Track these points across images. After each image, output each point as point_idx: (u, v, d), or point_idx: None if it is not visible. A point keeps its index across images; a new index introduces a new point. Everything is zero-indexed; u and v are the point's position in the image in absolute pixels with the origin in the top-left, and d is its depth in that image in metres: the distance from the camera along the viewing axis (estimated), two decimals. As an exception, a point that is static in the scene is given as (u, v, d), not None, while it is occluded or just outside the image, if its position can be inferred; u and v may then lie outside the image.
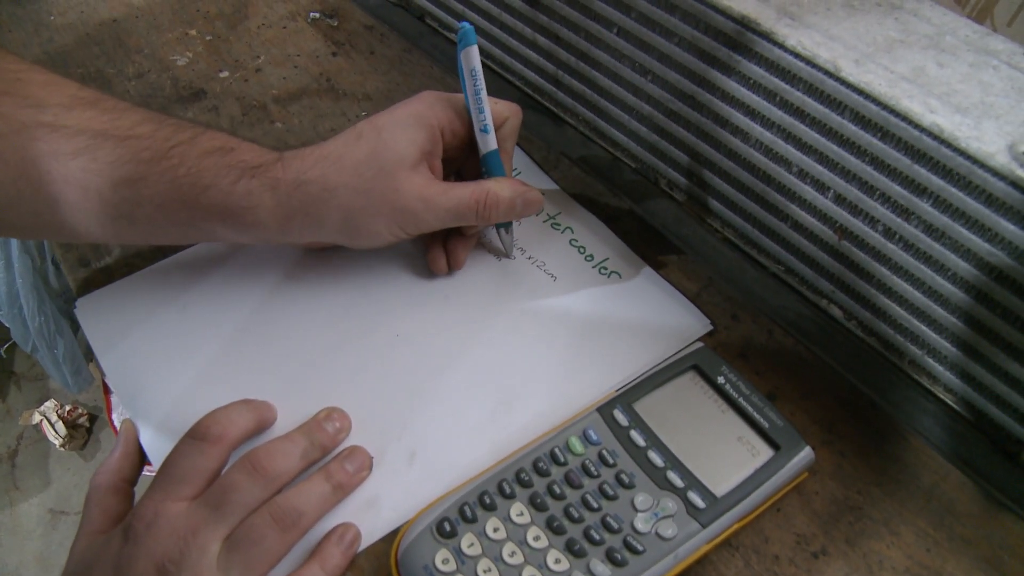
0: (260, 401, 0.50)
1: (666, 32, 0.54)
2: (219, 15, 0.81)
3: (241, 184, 0.49)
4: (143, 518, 0.42)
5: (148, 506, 0.43)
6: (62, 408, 1.73)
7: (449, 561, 0.42)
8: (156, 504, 0.43)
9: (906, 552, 0.45)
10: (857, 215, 0.50)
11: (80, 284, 0.58)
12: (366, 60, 0.75)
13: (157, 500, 0.43)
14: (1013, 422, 0.48)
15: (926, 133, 0.44)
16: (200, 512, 0.42)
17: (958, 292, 0.47)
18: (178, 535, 0.41)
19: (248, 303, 0.56)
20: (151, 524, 0.42)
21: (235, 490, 0.43)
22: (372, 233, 0.51)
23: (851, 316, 0.54)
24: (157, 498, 0.43)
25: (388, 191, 0.50)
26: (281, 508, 0.44)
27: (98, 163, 0.47)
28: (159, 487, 0.44)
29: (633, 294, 0.56)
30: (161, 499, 0.43)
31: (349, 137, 0.51)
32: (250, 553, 0.42)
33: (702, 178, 0.58)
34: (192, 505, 0.43)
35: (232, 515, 0.43)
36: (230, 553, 0.42)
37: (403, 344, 0.53)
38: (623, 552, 0.42)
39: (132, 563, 0.41)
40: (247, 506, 0.43)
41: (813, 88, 0.48)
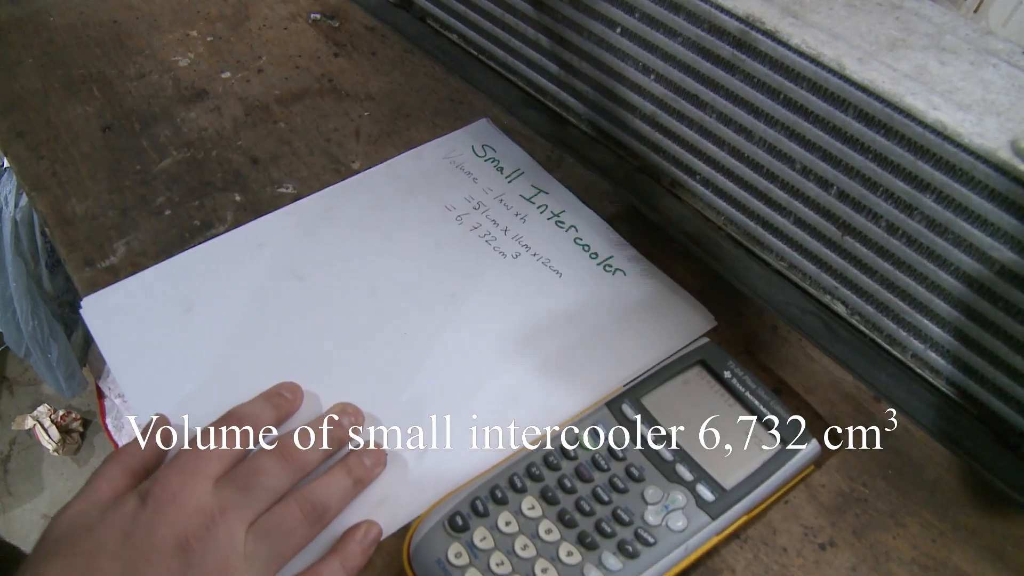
0: (282, 392, 0.49)
1: (670, 31, 0.55)
2: (220, 16, 0.81)
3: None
4: (168, 487, 0.42)
5: (173, 476, 0.42)
6: (55, 413, 1.73)
7: (462, 555, 0.42)
8: (183, 476, 0.42)
9: (912, 543, 0.46)
10: (860, 211, 0.50)
11: (85, 284, 0.58)
12: (368, 61, 0.76)
13: (185, 472, 0.42)
14: (1015, 414, 0.48)
15: (929, 130, 0.45)
16: (228, 492, 0.42)
17: (960, 286, 0.47)
18: (205, 513, 0.41)
19: (254, 302, 0.56)
20: (176, 495, 0.41)
21: (264, 474, 0.43)
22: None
23: (854, 311, 0.55)
24: (185, 470, 0.43)
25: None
26: (310, 501, 0.44)
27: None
28: (184, 461, 0.43)
29: (638, 291, 0.56)
30: (189, 472, 0.42)
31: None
32: (279, 544, 0.42)
33: (705, 176, 0.59)
34: (219, 484, 0.43)
35: (260, 500, 0.43)
36: (258, 541, 0.42)
37: (411, 342, 0.54)
38: (634, 544, 0.42)
39: (151, 531, 0.40)
40: (275, 492, 0.43)
41: (817, 86, 0.49)
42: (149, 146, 0.68)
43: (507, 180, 0.64)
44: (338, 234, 0.60)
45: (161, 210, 0.63)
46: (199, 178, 0.65)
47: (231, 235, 0.61)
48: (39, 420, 1.70)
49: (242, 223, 0.61)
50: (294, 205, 0.62)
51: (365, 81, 0.73)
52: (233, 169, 0.66)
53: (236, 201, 0.63)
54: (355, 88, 0.73)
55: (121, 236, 0.61)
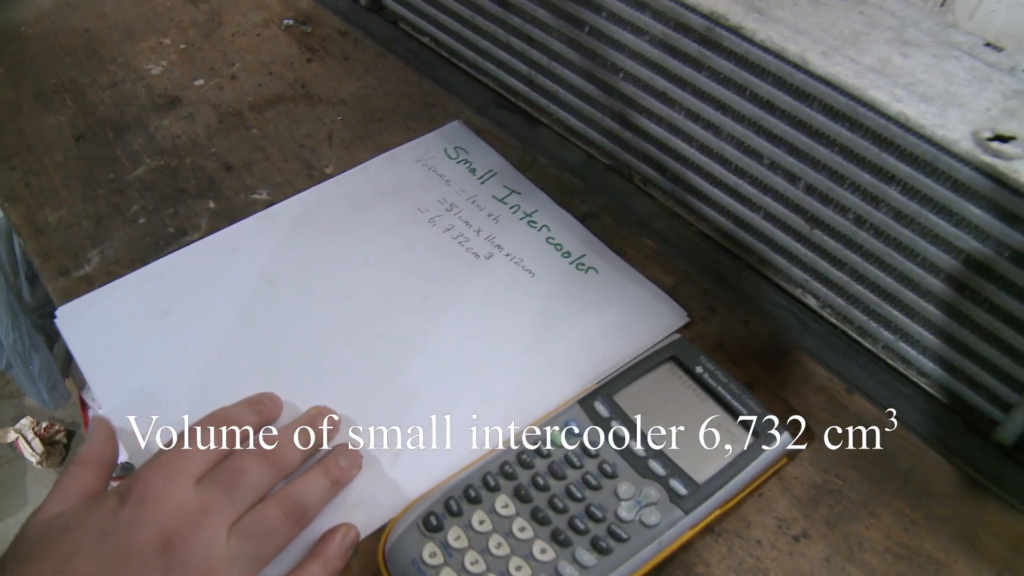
0: (263, 400, 0.49)
1: (637, 30, 0.55)
2: (193, 24, 0.81)
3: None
4: (149, 485, 0.41)
5: (153, 476, 0.42)
6: (39, 425, 1.71)
7: (436, 554, 0.42)
8: (163, 476, 0.42)
9: (885, 532, 0.46)
10: (828, 204, 0.51)
11: (60, 293, 0.58)
12: (340, 65, 0.76)
13: (166, 472, 0.42)
14: (985, 402, 0.49)
15: (893, 122, 0.45)
16: (211, 492, 0.42)
17: (928, 276, 0.48)
18: (187, 511, 0.41)
19: (229, 307, 0.56)
20: (159, 495, 0.41)
21: (246, 474, 0.43)
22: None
23: (825, 304, 0.55)
24: (167, 469, 0.42)
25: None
26: (291, 502, 0.44)
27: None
28: (164, 460, 0.43)
29: (611, 289, 0.56)
30: (171, 471, 0.42)
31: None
32: (261, 544, 0.42)
33: (676, 173, 0.59)
34: (201, 484, 0.42)
35: (243, 499, 0.42)
36: (241, 542, 0.41)
37: (385, 344, 0.54)
38: (608, 540, 0.42)
39: (132, 530, 0.40)
40: (257, 492, 0.43)
41: (782, 81, 0.49)
42: (123, 155, 0.68)
43: (480, 181, 0.64)
44: (311, 239, 0.60)
45: (135, 218, 0.63)
46: (173, 186, 0.65)
47: (205, 242, 0.60)
48: (22, 433, 1.69)
49: (216, 230, 0.61)
50: (267, 211, 0.62)
51: (338, 85, 0.73)
52: (207, 176, 0.66)
53: (210, 208, 0.63)
54: (328, 93, 0.73)
55: (95, 245, 0.61)
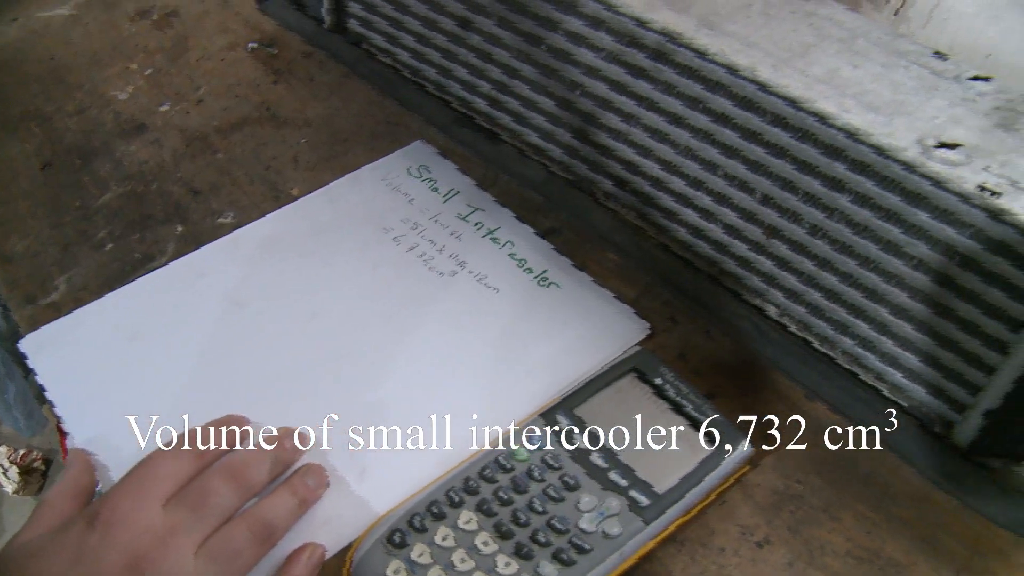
0: (229, 421, 0.49)
1: (593, 47, 0.56)
2: (159, 49, 0.81)
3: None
4: (117, 509, 0.41)
5: (121, 498, 0.42)
6: (15, 453, 1.70)
7: (401, 571, 0.43)
8: (131, 498, 0.42)
9: (846, 536, 0.47)
10: (783, 214, 0.51)
11: (27, 321, 0.58)
12: (306, 87, 0.76)
13: (133, 493, 0.42)
14: (941, 405, 0.50)
15: (842, 132, 0.46)
16: (178, 513, 0.42)
17: (882, 283, 0.48)
18: (154, 533, 0.41)
19: (196, 332, 0.56)
20: (126, 518, 0.41)
21: (214, 494, 0.43)
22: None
23: (784, 312, 0.56)
24: (131, 493, 0.42)
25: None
26: (259, 522, 0.44)
27: None
28: (132, 482, 0.43)
29: (573, 303, 0.57)
30: (138, 493, 0.42)
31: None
32: (229, 565, 0.42)
33: (635, 187, 0.60)
34: (169, 505, 0.42)
35: (210, 520, 0.43)
36: (208, 563, 0.41)
37: (350, 364, 0.54)
38: (570, 552, 0.43)
39: (100, 553, 0.40)
40: (224, 513, 0.43)
41: (734, 94, 0.50)
42: (89, 181, 0.68)
43: (443, 200, 0.64)
44: (277, 261, 0.60)
45: (102, 244, 0.63)
46: (140, 211, 0.65)
47: (172, 267, 0.61)
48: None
49: (183, 254, 0.61)
50: (233, 235, 0.62)
51: (303, 107, 0.74)
52: (173, 201, 0.66)
53: (177, 233, 0.64)
54: (293, 115, 0.73)
55: (63, 272, 0.61)
